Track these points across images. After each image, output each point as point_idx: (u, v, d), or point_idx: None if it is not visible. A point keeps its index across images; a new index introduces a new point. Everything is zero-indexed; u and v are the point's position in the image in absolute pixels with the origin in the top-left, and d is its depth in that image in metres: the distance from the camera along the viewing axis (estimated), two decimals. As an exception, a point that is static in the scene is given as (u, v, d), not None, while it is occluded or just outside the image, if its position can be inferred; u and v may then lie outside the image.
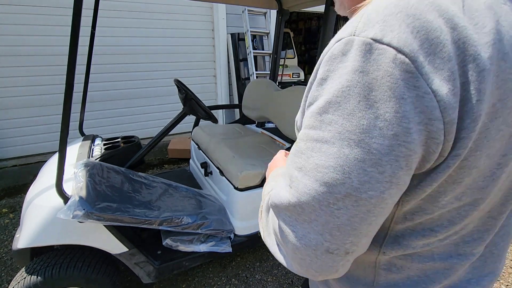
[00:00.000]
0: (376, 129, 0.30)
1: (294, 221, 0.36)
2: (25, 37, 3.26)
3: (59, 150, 1.07)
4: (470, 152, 0.33)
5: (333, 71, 0.33)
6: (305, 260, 0.37)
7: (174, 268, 1.51)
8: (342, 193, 0.32)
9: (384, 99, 0.30)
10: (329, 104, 0.33)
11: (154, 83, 4.13)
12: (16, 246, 1.20)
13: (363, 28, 0.32)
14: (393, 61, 0.29)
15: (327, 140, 0.33)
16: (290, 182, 0.37)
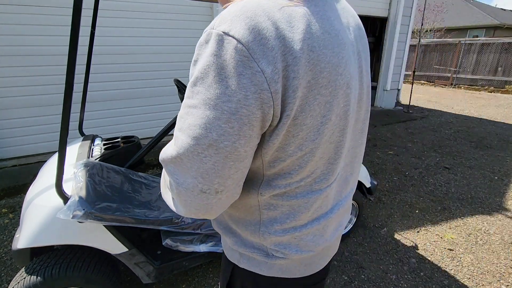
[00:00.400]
0: (226, 96, 0.42)
1: (177, 171, 0.48)
2: (25, 37, 3.25)
3: (59, 150, 1.07)
4: (298, 113, 0.47)
5: (200, 55, 0.45)
6: (187, 201, 0.48)
7: (174, 268, 1.51)
8: (206, 144, 0.44)
9: (231, 75, 0.42)
10: (197, 79, 0.45)
11: (154, 83, 4.13)
12: (16, 246, 1.20)
13: (218, 24, 0.44)
14: (235, 48, 0.42)
15: (196, 105, 0.45)
16: (174, 141, 0.48)
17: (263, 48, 0.42)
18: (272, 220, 0.59)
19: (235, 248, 0.65)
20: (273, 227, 0.59)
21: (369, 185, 2.13)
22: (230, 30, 0.43)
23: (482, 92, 10.30)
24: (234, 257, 0.67)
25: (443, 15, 18.12)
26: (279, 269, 0.64)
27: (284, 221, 0.59)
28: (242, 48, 0.42)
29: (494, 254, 2.12)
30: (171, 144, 0.50)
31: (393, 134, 5.00)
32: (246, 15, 0.43)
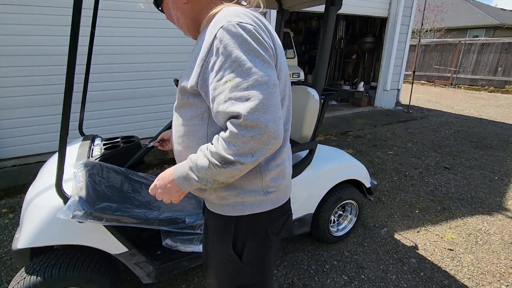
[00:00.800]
0: (262, 57, 0.67)
1: (262, 115, 0.63)
2: (25, 37, 3.25)
3: (59, 150, 1.07)
4: (279, 69, 0.75)
5: (228, 40, 0.65)
6: (276, 132, 0.65)
7: (174, 268, 1.51)
8: (272, 84, 0.66)
9: (259, 42, 0.67)
10: (240, 52, 0.65)
11: (154, 83, 4.13)
12: (16, 246, 1.20)
13: (231, 19, 0.67)
14: (251, 26, 0.67)
15: (251, 67, 0.65)
16: (245, 99, 0.63)
17: (262, 33, 0.70)
18: (268, 160, 0.80)
19: (238, 199, 0.81)
20: (270, 164, 0.80)
21: (369, 185, 2.13)
22: (241, 21, 0.67)
23: (482, 92, 10.30)
24: (237, 209, 0.82)
25: (443, 15, 18.11)
26: (272, 202, 0.85)
27: (276, 157, 0.81)
28: (255, 29, 0.67)
29: (494, 254, 2.12)
30: (239, 107, 0.63)
31: (393, 134, 5.00)
32: (244, 13, 0.70)
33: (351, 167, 2.07)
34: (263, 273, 0.92)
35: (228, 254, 0.86)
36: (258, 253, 0.88)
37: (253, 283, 0.91)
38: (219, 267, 0.92)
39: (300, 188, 1.77)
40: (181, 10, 0.82)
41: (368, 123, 5.66)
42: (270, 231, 0.86)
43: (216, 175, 0.69)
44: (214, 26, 0.68)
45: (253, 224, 0.84)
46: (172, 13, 0.85)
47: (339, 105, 7.24)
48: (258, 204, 0.82)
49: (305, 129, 1.65)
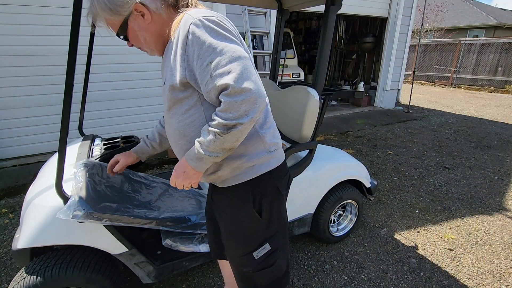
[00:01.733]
0: (229, 39, 0.80)
1: (246, 78, 0.75)
2: (25, 37, 3.25)
3: (59, 150, 1.07)
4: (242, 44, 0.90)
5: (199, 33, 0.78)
6: (260, 91, 0.77)
7: (174, 268, 1.51)
8: (243, 56, 0.78)
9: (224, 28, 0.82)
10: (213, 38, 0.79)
11: (154, 83, 4.13)
12: (16, 246, 1.19)
13: (197, 16, 0.80)
14: (213, 19, 0.81)
15: (224, 46, 0.78)
16: (230, 72, 0.75)
17: (223, 19, 0.84)
18: (261, 124, 0.94)
19: (250, 164, 0.93)
20: (263, 128, 0.95)
21: (369, 185, 2.13)
22: (205, 15, 0.80)
23: (482, 92, 10.30)
24: (251, 173, 0.94)
25: (443, 15, 18.11)
26: (276, 159, 0.99)
27: (266, 122, 0.96)
28: (217, 19, 0.82)
29: (494, 254, 2.12)
30: (225, 79, 0.75)
31: (393, 134, 5.00)
32: (202, 11, 0.84)
33: (351, 167, 2.07)
34: (279, 225, 1.04)
35: (251, 216, 0.97)
36: (274, 208, 1.00)
37: (270, 235, 1.02)
38: (241, 234, 1.01)
39: (300, 188, 1.77)
40: (147, 30, 0.91)
41: (368, 123, 5.66)
42: (280, 187, 1.01)
43: (223, 143, 0.80)
44: (185, 25, 0.80)
45: (266, 183, 0.97)
46: (138, 36, 0.93)
47: (339, 105, 7.24)
48: (267, 163, 0.96)
49: (305, 129, 1.65)
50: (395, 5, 6.27)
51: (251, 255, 1.01)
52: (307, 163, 1.72)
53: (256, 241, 1.01)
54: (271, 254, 1.03)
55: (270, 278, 1.06)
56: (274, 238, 1.03)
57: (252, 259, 1.01)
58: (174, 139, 0.96)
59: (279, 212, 1.04)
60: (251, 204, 0.96)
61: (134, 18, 0.89)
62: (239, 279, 1.09)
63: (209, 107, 0.88)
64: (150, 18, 0.89)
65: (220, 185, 0.99)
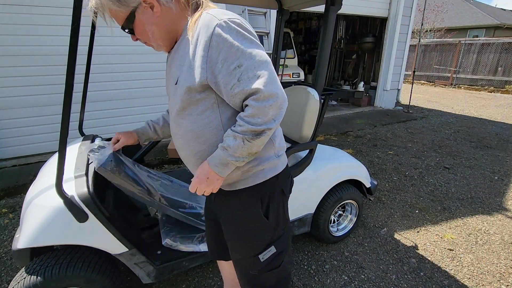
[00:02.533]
0: (254, 42, 0.80)
1: (274, 83, 0.77)
2: (25, 37, 3.25)
3: (59, 150, 1.07)
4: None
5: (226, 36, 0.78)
6: (284, 96, 0.80)
7: (174, 268, 1.51)
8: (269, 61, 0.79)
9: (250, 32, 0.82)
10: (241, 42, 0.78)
11: (154, 83, 4.13)
12: (16, 246, 1.19)
13: (221, 17, 0.78)
14: (238, 22, 0.80)
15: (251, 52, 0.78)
16: (256, 78, 0.76)
17: (243, 21, 0.82)
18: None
19: (259, 168, 0.94)
20: (275, 132, 0.97)
21: (369, 185, 2.13)
22: (229, 18, 0.79)
23: (482, 92, 10.30)
24: (260, 177, 0.95)
25: (443, 15, 18.11)
26: (282, 164, 1.01)
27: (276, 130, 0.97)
28: (241, 21, 0.81)
29: (494, 254, 2.12)
30: (255, 84, 0.76)
31: (393, 134, 5.00)
32: (224, 12, 0.81)
33: (351, 167, 2.07)
34: (285, 227, 1.05)
35: (259, 219, 0.97)
36: (280, 210, 1.01)
37: (276, 237, 1.02)
38: (248, 237, 1.00)
39: (300, 188, 1.77)
40: (155, 24, 0.86)
41: (368, 123, 5.66)
42: (284, 189, 1.03)
43: (250, 148, 0.81)
44: (208, 26, 0.78)
45: (273, 186, 0.98)
46: (146, 29, 0.88)
47: (339, 105, 7.24)
48: (275, 168, 0.97)
49: (305, 129, 1.65)
50: (395, 5, 6.27)
51: (257, 258, 1.01)
52: (307, 163, 1.72)
53: (262, 244, 1.01)
54: (277, 256, 1.03)
55: (277, 279, 1.07)
56: (279, 241, 1.03)
57: (258, 261, 1.02)
58: (186, 140, 0.93)
59: (284, 214, 1.05)
60: (259, 207, 0.96)
61: (142, 11, 0.84)
62: (244, 281, 1.08)
63: (226, 110, 0.87)
64: (159, 11, 0.84)
65: (226, 188, 0.97)
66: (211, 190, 0.90)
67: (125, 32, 0.91)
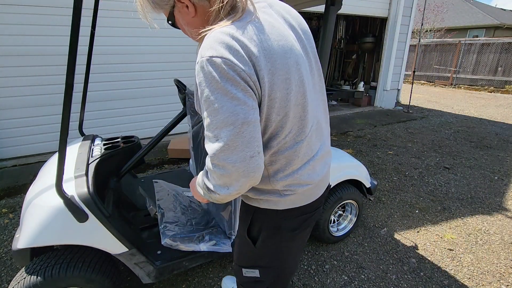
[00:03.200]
0: (230, 95, 0.65)
1: (228, 155, 0.65)
2: (25, 37, 3.25)
3: (59, 150, 1.07)
4: (269, 92, 0.70)
5: (202, 77, 0.67)
6: (245, 171, 0.67)
7: (174, 268, 1.51)
8: (240, 123, 0.65)
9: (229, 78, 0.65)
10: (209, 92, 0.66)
11: (154, 83, 4.13)
12: (16, 246, 1.19)
13: (204, 53, 0.66)
14: (221, 61, 0.64)
15: (219, 107, 0.65)
16: (212, 139, 0.67)
17: (239, 57, 0.65)
18: (276, 172, 0.83)
19: (256, 197, 0.88)
20: (278, 175, 0.84)
21: (369, 185, 2.13)
22: (213, 54, 0.65)
23: (482, 92, 10.30)
24: (255, 203, 0.90)
25: (443, 15, 18.11)
26: (290, 202, 0.88)
27: (284, 169, 0.83)
28: (224, 61, 0.64)
29: (494, 254, 2.12)
30: (209, 146, 0.68)
31: (393, 134, 5.00)
32: (218, 40, 0.67)
33: (351, 167, 2.07)
34: (274, 260, 0.99)
35: (243, 236, 0.96)
36: (271, 243, 0.94)
37: (261, 265, 0.99)
38: (239, 243, 1.03)
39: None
40: (190, 24, 0.84)
41: (368, 123, 5.66)
42: (283, 226, 0.91)
43: (209, 195, 0.76)
44: (198, 57, 0.70)
45: (268, 217, 0.91)
46: (184, 28, 0.88)
47: (339, 105, 7.24)
48: (275, 203, 0.88)
49: (305, 129, 1.64)
50: (395, 5, 6.27)
51: (240, 269, 1.03)
52: (307, 163, 1.71)
53: (246, 261, 1.01)
54: (258, 282, 1.01)
55: None
56: (265, 270, 1.00)
57: (240, 273, 1.03)
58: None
59: (277, 249, 0.96)
60: (247, 226, 0.94)
61: (179, 10, 0.82)
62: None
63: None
64: (194, 11, 0.79)
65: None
66: (195, 197, 0.91)
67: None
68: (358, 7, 5.87)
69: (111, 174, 1.65)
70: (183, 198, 1.87)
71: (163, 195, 1.84)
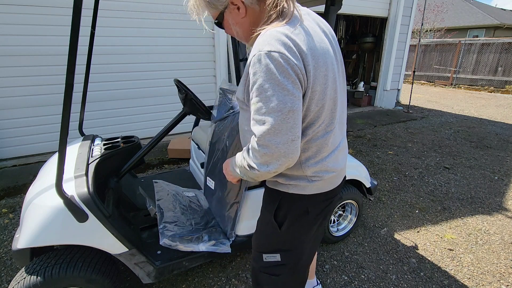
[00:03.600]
0: (282, 86, 0.77)
1: (273, 137, 0.77)
2: (25, 37, 3.25)
3: (59, 150, 1.07)
4: (312, 84, 0.82)
5: (257, 68, 0.78)
6: (286, 152, 0.78)
7: (174, 268, 1.51)
8: (287, 111, 0.76)
9: (283, 70, 0.76)
10: (263, 80, 0.77)
11: (154, 83, 4.13)
12: (16, 246, 1.19)
13: (263, 47, 0.77)
14: (278, 55, 0.76)
15: (271, 95, 0.76)
16: (260, 122, 0.78)
17: (291, 52, 0.77)
18: (307, 158, 0.94)
19: (286, 182, 0.98)
20: (309, 162, 0.95)
21: (369, 185, 2.13)
22: (271, 49, 0.76)
23: (482, 92, 10.30)
24: (284, 188, 0.99)
25: (443, 15, 18.11)
26: (316, 188, 0.99)
27: (315, 156, 0.95)
28: (281, 56, 0.76)
29: (494, 254, 2.12)
30: (257, 128, 0.79)
31: (393, 134, 5.00)
32: (274, 38, 0.78)
33: (351, 167, 2.07)
34: (297, 243, 1.07)
35: (269, 221, 1.04)
36: (296, 226, 1.03)
37: (284, 249, 1.07)
38: (262, 229, 1.11)
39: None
40: (240, 24, 0.93)
41: (368, 123, 5.66)
42: (310, 210, 1.01)
43: (246, 172, 0.90)
44: (253, 50, 0.81)
45: (295, 201, 1.00)
46: (231, 28, 0.96)
47: (339, 105, 7.23)
48: (303, 188, 0.98)
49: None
50: (395, 5, 6.27)
51: (261, 255, 1.10)
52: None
53: (268, 246, 1.09)
54: (279, 266, 1.08)
55: (270, 286, 1.12)
56: (287, 254, 1.07)
57: (260, 259, 1.11)
58: (240, 129, 1.08)
59: (302, 233, 1.05)
60: (273, 211, 1.02)
61: (230, 11, 0.90)
62: (250, 267, 1.25)
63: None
64: (244, 12, 0.89)
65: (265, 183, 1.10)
66: (226, 176, 1.07)
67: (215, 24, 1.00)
68: (358, 7, 5.87)
69: (111, 174, 1.65)
70: (183, 198, 1.87)
71: (163, 195, 1.84)
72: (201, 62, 4.40)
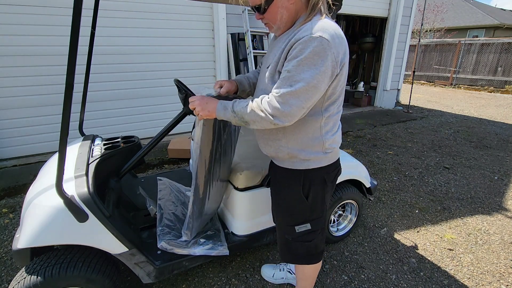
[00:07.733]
0: (319, 67, 0.95)
1: (290, 99, 0.95)
2: (25, 37, 3.26)
3: (59, 150, 1.07)
4: (342, 68, 1.02)
5: (307, 46, 0.94)
6: (294, 113, 0.97)
7: (174, 268, 1.51)
8: (311, 86, 0.95)
9: (323, 53, 0.94)
10: (305, 57, 0.94)
11: (154, 83, 4.13)
12: (16, 246, 1.19)
13: (316, 31, 0.94)
14: (326, 42, 0.93)
15: (306, 70, 0.95)
16: (288, 85, 0.95)
17: (337, 41, 0.95)
18: (327, 132, 1.14)
19: (306, 158, 1.15)
20: (328, 134, 1.15)
21: (369, 185, 2.13)
22: (323, 34, 0.93)
23: (482, 92, 10.30)
24: (304, 165, 1.16)
25: (443, 15, 18.11)
26: (328, 160, 1.19)
27: (331, 130, 1.16)
28: (328, 44, 0.93)
29: (494, 254, 2.12)
30: (283, 88, 0.95)
31: (393, 134, 5.00)
32: (325, 27, 0.95)
33: (351, 167, 2.07)
34: (321, 210, 1.26)
35: (299, 197, 1.20)
36: (319, 195, 1.22)
37: (313, 218, 1.25)
38: (289, 208, 1.25)
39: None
40: (287, 9, 1.03)
41: (368, 123, 5.66)
42: (327, 179, 1.21)
43: (246, 114, 1.01)
44: (305, 31, 0.95)
45: (316, 175, 1.19)
46: (278, 11, 1.04)
47: (339, 105, 7.23)
48: (319, 161, 1.17)
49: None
50: (395, 5, 6.27)
51: (293, 228, 1.26)
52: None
53: (299, 218, 1.25)
54: (311, 232, 1.27)
55: (305, 251, 1.31)
56: (315, 221, 1.26)
57: (293, 231, 1.27)
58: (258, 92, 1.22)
59: (323, 199, 1.25)
60: (300, 188, 1.18)
61: None
62: (281, 242, 1.35)
63: None
64: None
65: (276, 161, 1.25)
66: (199, 111, 1.11)
67: (252, 9, 1.09)
68: (358, 7, 5.87)
69: (111, 174, 1.65)
70: (185, 199, 1.87)
71: (165, 194, 1.84)
72: (201, 62, 4.40)
